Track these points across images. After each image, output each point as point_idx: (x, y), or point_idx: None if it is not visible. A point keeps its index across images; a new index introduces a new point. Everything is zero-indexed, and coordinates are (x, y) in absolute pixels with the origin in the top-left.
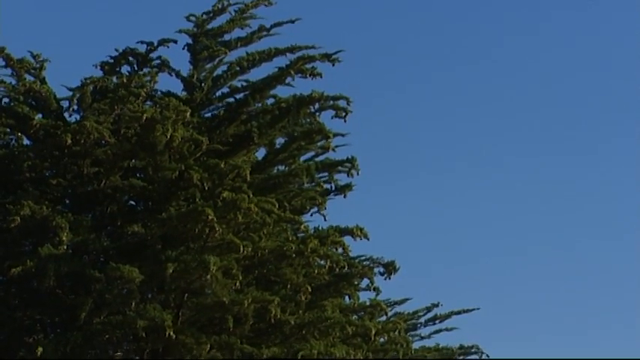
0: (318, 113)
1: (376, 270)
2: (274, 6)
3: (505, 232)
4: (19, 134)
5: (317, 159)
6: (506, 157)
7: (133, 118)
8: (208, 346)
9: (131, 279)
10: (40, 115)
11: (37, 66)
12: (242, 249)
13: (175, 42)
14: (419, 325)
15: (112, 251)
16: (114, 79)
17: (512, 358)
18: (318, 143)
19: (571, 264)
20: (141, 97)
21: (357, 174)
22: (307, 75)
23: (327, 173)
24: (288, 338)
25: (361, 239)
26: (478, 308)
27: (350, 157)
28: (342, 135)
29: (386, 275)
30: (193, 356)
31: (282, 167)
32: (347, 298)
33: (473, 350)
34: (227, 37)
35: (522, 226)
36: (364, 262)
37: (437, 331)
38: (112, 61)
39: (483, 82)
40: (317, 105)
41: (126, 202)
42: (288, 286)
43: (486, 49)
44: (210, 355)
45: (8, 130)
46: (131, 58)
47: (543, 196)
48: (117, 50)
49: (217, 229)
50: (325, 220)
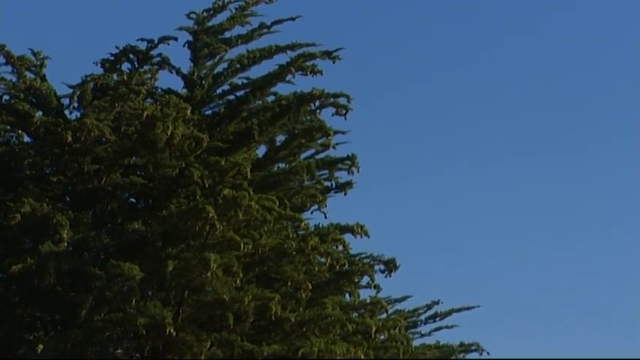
0: (318, 111)
1: (376, 267)
2: (275, 4)
3: (505, 232)
4: (20, 131)
5: (317, 156)
6: (506, 157)
7: (133, 116)
8: (209, 343)
9: (131, 276)
10: (40, 112)
11: (38, 63)
12: (242, 246)
13: (176, 39)
14: (419, 322)
15: (112, 249)
16: (114, 77)
17: (512, 357)
18: (319, 141)
19: (571, 264)
20: (141, 95)
21: (358, 171)
22: (308, 72)
23: (327, 171)
24: (289, 336)
25: (362, 237)
26: (478, 306)
27: (350, 155)
28: (343, 132)
29: (386, 273)
30: (194, 354)
31: (282, 165)
32: (347, 295)
33: (473, 348)
34: (227, 34)
35: (522, 226)
36: (365, 260)
37: (437, 329)
38: (112, 58)
39: (483, 82)
40: (317, 102)
41: (126, 200)
42: (289, 283)
43: (486, 49)
44: (210, 352)
45: (9, 127)
46: (132, 56)
47: (543, 196)
48: (117, 48)
49: (218, 227)
50: (326, 217)
